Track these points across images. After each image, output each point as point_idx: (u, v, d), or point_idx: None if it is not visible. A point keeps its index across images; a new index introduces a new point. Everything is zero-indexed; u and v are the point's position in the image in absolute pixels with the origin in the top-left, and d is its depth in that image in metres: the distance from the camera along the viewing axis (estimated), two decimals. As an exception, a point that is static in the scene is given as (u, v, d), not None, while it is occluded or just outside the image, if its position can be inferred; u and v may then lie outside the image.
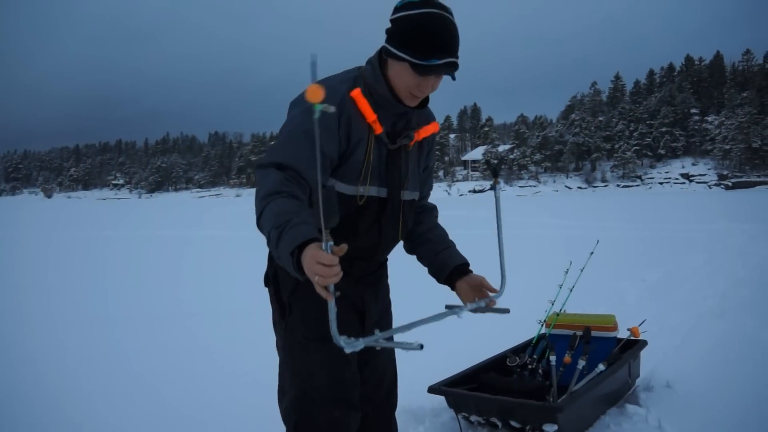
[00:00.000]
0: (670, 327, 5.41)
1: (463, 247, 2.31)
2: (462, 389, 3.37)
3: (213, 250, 14.39)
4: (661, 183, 79.96)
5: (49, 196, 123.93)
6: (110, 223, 22.09)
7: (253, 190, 1.97)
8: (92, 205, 39.18)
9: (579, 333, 3.85)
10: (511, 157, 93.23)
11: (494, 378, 3.53)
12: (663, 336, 4.98)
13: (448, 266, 2.23)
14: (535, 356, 3.85)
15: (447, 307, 2.08)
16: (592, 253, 4.32)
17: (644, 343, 4.01)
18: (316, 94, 1.34)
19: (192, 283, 9.06)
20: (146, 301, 7.71)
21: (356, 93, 1.93)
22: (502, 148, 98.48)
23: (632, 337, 4.03)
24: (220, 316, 6.51)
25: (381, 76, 1.95)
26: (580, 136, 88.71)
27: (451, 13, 1.90)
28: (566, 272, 4.11)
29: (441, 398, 3.37)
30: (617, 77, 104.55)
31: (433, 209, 2.41)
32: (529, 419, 3.11)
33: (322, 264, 1.49)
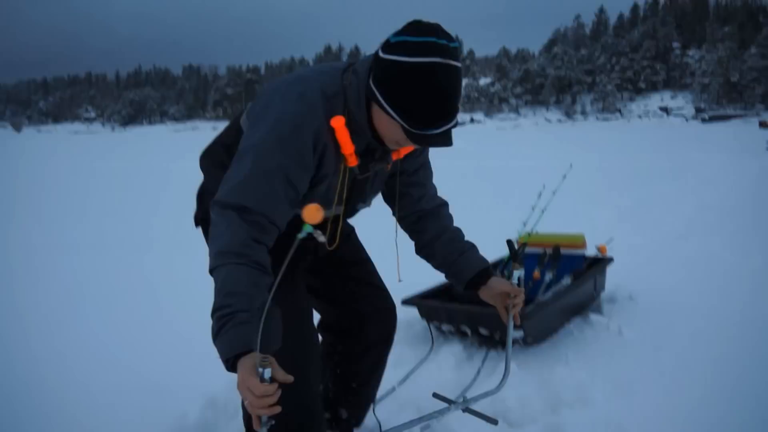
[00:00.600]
0: (637, 247, 5.61)
1: (443, 179, 2.28)
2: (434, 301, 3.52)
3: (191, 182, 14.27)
4: (639, 116, 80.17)
5: (18, 130, 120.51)
6: (90, 155, 21.71)
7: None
8: (65, 138, 38.29)
9: (549, 251, 4.00)
10: (492, 90, 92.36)
11: (466, 292, 3.68)
12: (629, 255, 5.17)
13: (465, 275, 2.05)
14: (506, 272, 4.01)
15: (435, 395, 2.10)
16: (564, 176, 4.42)
17: (610, 260, 4.18)
18: (314, 216, 1.24)
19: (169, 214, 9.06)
20: (118, 229, 7.75)
21: (338, 123, 1.64)
22: (483, 81, 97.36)
23: (599, 255, 4.20)
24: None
25: (365, 111, 1.65)
26: (561, 70, 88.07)
27: (457, 56, 1.55)
28: (539, 195, 4.21)
29: (414, 310, 3.52)
30: (601, 10, 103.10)
31: (443, 207, 2.14)
32: (496, 327, 3.27)
33: (252, 394, 1.32)
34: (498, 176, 12.80)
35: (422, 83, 1.50)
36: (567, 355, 3.28)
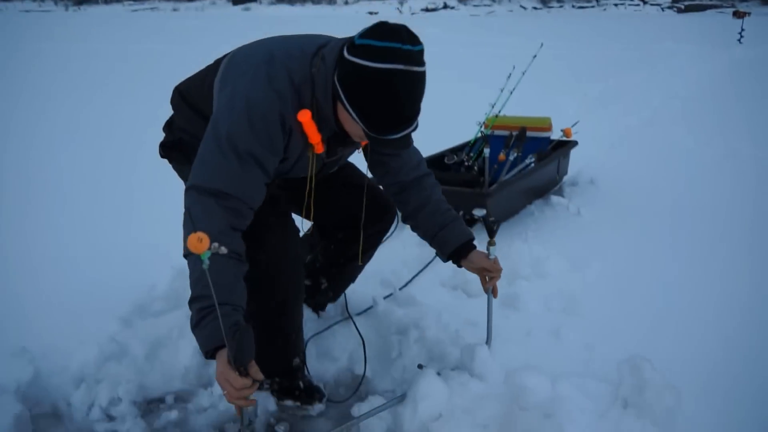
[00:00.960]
0: (602, 134, 5.69)
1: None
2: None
3: (151, 65, 13.70)
4: (616, 5, 78.06)
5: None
6: (42, 35, 20.44)
7: (193, 6, 1.81)
8: (14, 17, 35.80)
9: (515, 133, 4.02)
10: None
11: (432, 173, 3.72)
12: (594, 142, 5.24)
13: (447, 248, 2.11)
14: (472, 155, 4.05)
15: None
16: (535, 56, 4.36)
17: (575, 143, 4.24)
18: (198, 247, 1.22)
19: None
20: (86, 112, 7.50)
21: (305, 118, 1.66)
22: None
23: (564, 138, 4.25)
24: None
25: (331, 103, 1.67)
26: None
27: (421, 60, 1.56)
28: (508, 76, 4.17)
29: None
30: None
31: (426, 178, 2.16)
32: (461, 205, 3.34)
33: (231, 386, 1.44)
34: (468, 62, 12.58)
35: (383, 90, 1.52)
36: (526, 233, 3.40)
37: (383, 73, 1.51)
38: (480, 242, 2.17)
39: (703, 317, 2.43)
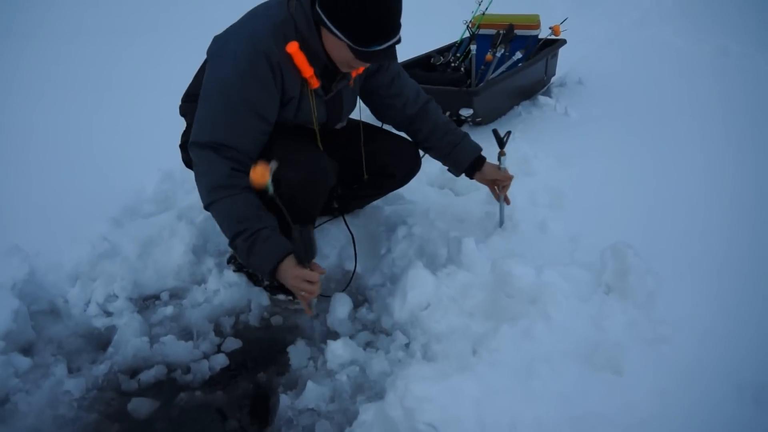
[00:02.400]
0: (592, 35, 5.56)
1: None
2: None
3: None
4: None
5: None
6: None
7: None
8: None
9: (503, 32, 3.92)
10: None
11: (418, 73, 3.65)
12: (583, 42, 5.13)
13: (462, 164, 2.26)
14: (459, 55, 3.96)
15: None
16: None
17: (563, 41, 4.15)
18: (262, 176, 1.53)
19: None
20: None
21: (293, 48, 1.75)
22: None
23: (553, 36, 4.14)
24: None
25: (316, 35, 1.76)
26: None
27: None
28: (496, -28, 4.01)
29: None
30: None
31: (429, 104, 2.31)
32: (447, 105, 3.30)
33: (308, 282, 1.68)
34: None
35: (363, 3, 1.61)
36: (514, 133, 3.37)
37: None
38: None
39: (685, 207, 2.46)
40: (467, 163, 2.25)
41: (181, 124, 2.14)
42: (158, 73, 4.34)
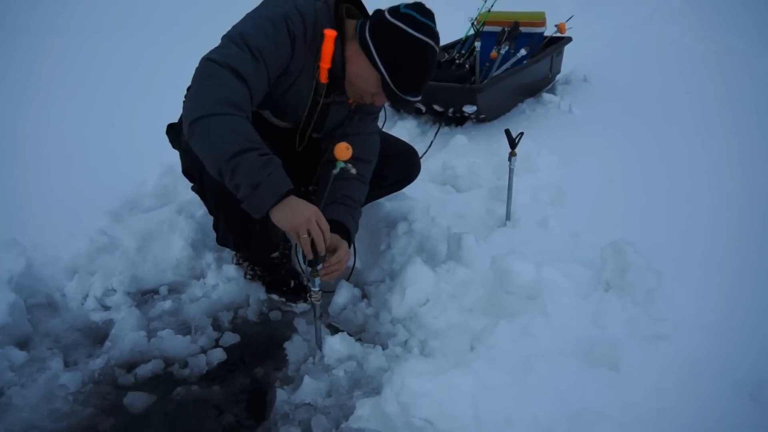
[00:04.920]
0: (598, 33, 5.53)
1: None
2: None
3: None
4: None
5: None
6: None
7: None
8: None
9: (508, 29, 3.89)
10: None
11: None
12: (589, 40, 5.11)
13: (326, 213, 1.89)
14: (463, 52, 3.94)
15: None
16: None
17: (569, 39, 4.12)
18: (345, 154, 1.61)
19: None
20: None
21: (331, 34, 1.77)
22: None
23: (558, 33, 4.12)
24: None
25: (340, 49, 1.81)
26: None
27: (439, 42, 1.81)
28: (502, -30, 3.99)
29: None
30: None
31: (366, 169, 2.10)
32: (451, 102, 3.30)
33: (320, 227, 1.62)
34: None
35: (416, 55, 1.75)
36: (517, 130, 3.35)
37: (422, 43, 1.74)
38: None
39: (686, 206, 2.44)
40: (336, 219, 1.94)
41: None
42: (172, 72, 4.37)
